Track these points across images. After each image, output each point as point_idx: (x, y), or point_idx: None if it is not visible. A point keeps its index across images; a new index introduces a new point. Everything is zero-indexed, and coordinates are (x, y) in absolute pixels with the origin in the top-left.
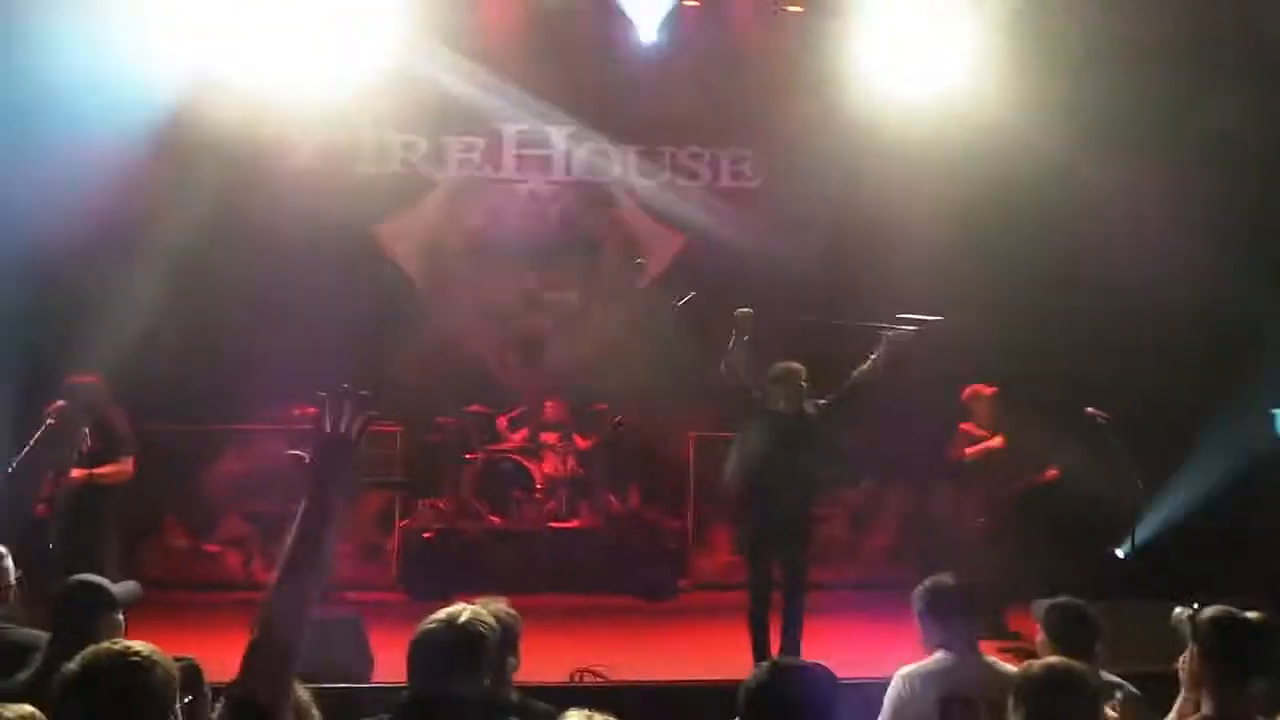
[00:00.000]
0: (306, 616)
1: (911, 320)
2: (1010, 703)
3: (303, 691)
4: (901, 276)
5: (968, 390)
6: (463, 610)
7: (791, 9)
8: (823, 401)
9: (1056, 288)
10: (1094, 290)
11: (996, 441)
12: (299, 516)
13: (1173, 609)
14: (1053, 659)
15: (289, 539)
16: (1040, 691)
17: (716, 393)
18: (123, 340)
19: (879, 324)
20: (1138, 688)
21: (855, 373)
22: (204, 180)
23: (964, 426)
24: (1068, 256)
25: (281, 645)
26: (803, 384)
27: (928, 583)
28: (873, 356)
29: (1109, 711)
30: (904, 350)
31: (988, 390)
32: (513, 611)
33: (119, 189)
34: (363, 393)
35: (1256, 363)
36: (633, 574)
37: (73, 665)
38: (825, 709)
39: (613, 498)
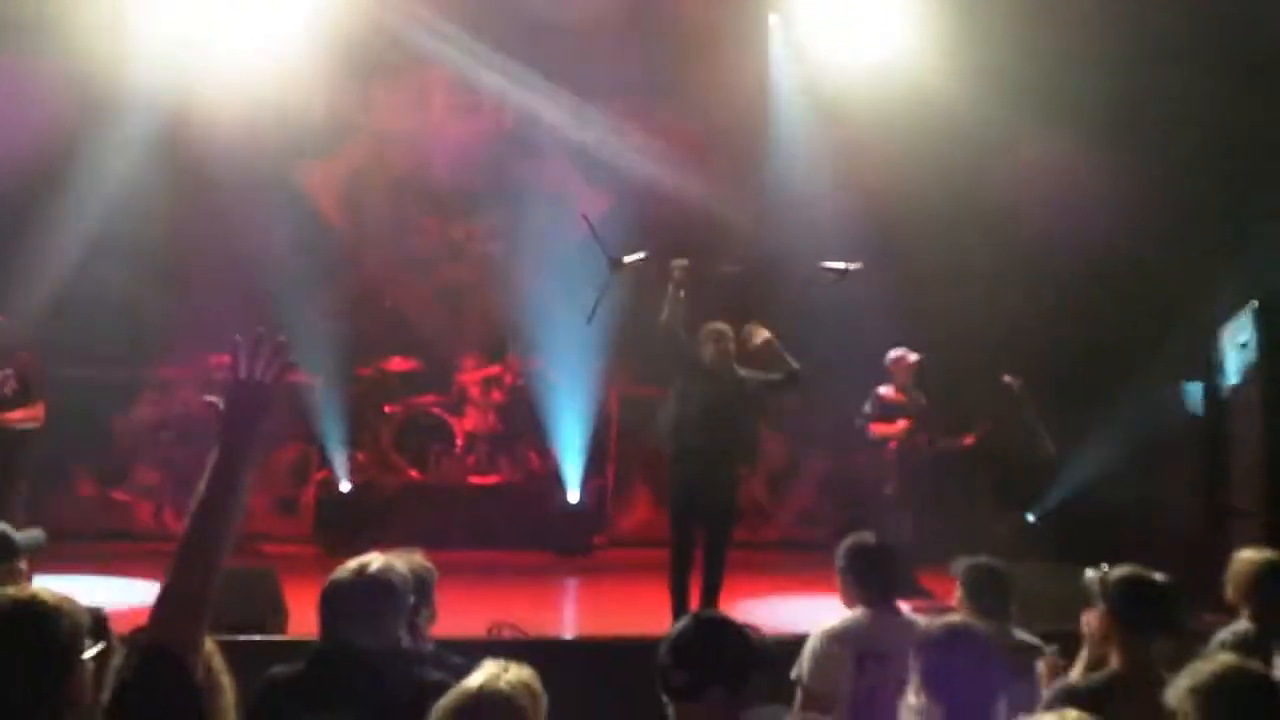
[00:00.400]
0: (218, 565)
1: (832, 268)
2: (910, 657)
3: (210, 643)
4: (836, 236)
5: (892, 355)
6: (373, 560)
7: None
8: (744, 374)
9: (983, 253)
10: (1020, 258)
11: (900, 425)
12: (212, 464)
13: (1082, 571)
14: (951, 617)
15: (201, 486)
16: (936, 647)
17: (645, 348)
18: (38, 284)
19: (804, 271)
20: (1048, 644)
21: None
22: (125, 123)
23: (881, 391)
24: (996, 223)
25: (193, 594)
26: (730, 345)
27: (848, 541)
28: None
29: (1039, 665)
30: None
31: (910, 358)
32: (428, 564)
33: (38, 131)
34: (280, 339)
35: (1173, 336)
36: (550, 530)
37: None
38: (747, 661)
39: (532, 453)
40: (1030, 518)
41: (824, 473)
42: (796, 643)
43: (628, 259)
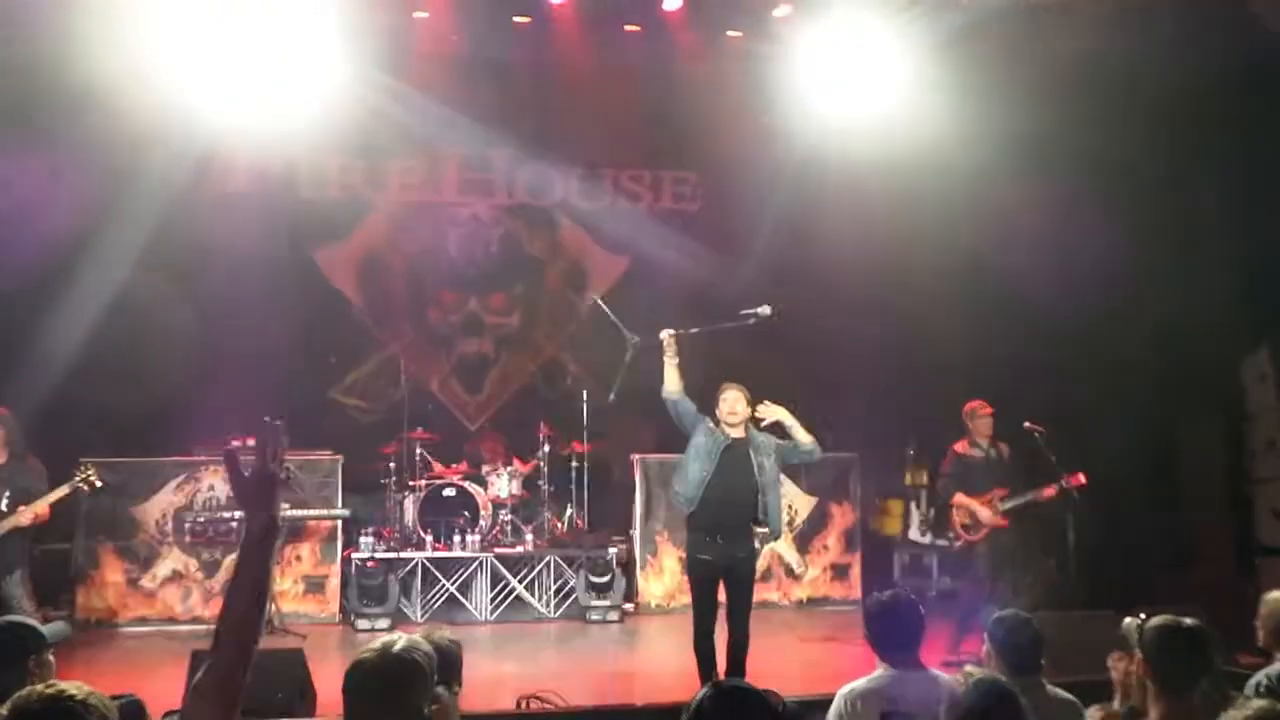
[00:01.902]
0: (251, 651)
1: (751, 313)
2: (939, 716)
3: None
4: (840, 293)
5: (968, 405)
6: (397, 639)
7: (731, 34)
8: (761, 438)
9: (985, 304)
10: (1022, 308)
11: (984, 514)
12: (239, 553)
13: (1112, 617)
14: (984, 676)
15: (231, 576)
16: (966, 708)
17: (661, 414)
18: (54, 371)
19: (728, 322)
20: (1079, 696)
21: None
22: (140, 207)
23: (958, 449)
24: (1008, 269)
25: (227, 681)
26: (741, 406)
27: (873, 597)
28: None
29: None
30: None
31: (987, 409)
32: (455, 638)
33: (52, 216)
34: (275, 422)
35: (1192, 375)
36: (577, 597)
37: (3, 710)
38: None
39: (557, 521)
40: (1059, 565)
41: (849, 528)
42: (824, 703)
43: (638, 339)
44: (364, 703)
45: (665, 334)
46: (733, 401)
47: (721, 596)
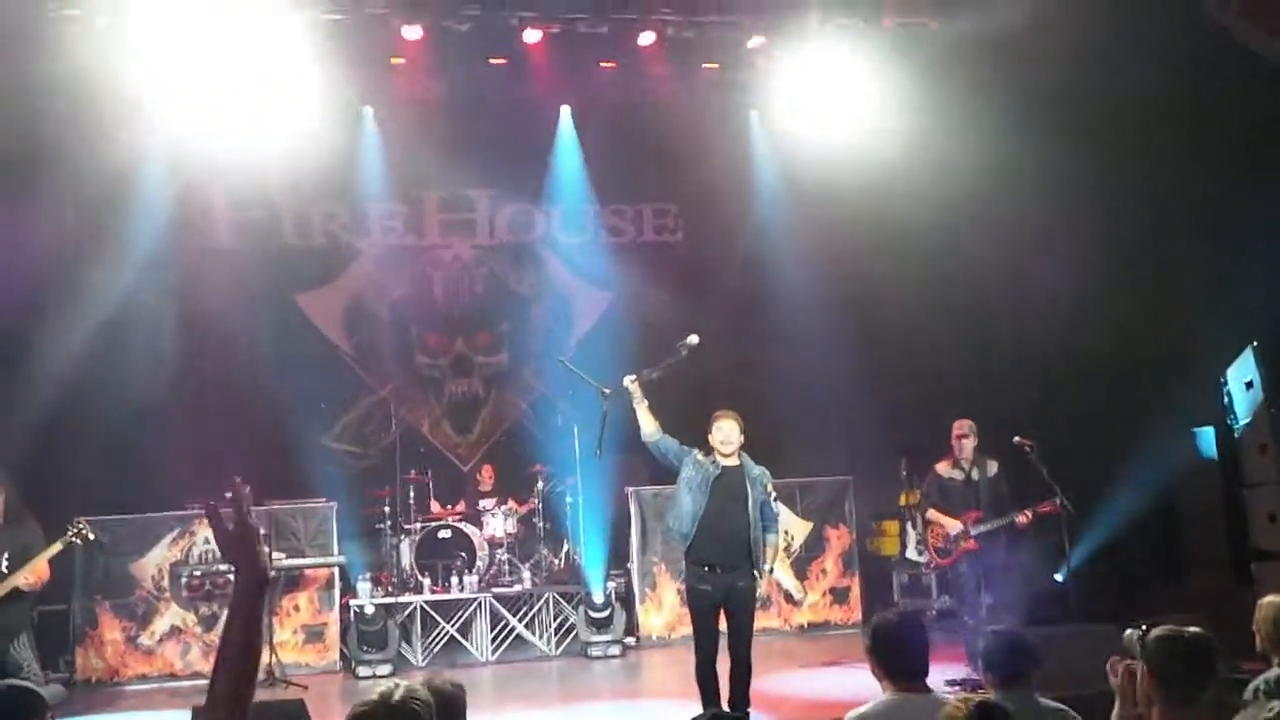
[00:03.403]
0: (245, 705)
1: (683, 344)
2: None
3: None
4: (827, 317)
5: (958, 424)
6: (395, 688)
7: (706, 65)
8: (758, 470)
9: (967, 320)
10: (1007, 324)
11: (956, 532)
12: (230, 606)
13: (1108, 630)
14: (979, 698)
15: (224, 630)
16: None
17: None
18: (40, 429)
19: (667, 358)
20: (1079, 712)
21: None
22: (123, 260)
23: (938, 467)
24: (987, 291)
25: None
26: (736, 434)
27: (875, 619)
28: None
29: None
30: None
31: (964, 429)
32: (457, 682)
33: (29, 271)
34: (236, 480)
35: (1177, 384)
36: (579, 634)
37: None
38: None
39: (555, 559)
40: (1058, 579)
41: (846, 551)
42: None
43: (612, 388)
44: None
45: (628, 381)
46: (727, 431)
47: (723, 626)
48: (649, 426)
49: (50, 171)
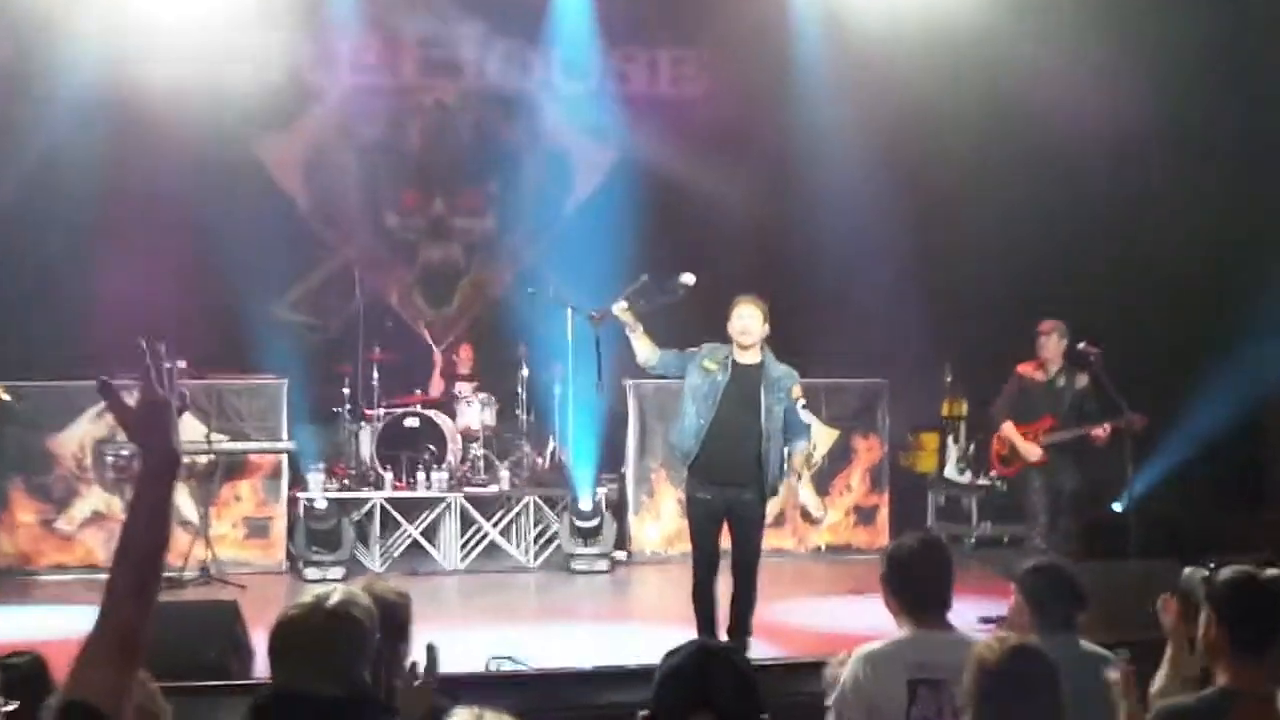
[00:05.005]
0: (147, 601)
1: (676, 285)
2: (965, 685)
3: (151, 690)
4: (861, 192)
5: (1044, 325)
6: (332, 592)
7: None
8: (781, 370)
9: (1047, 205)
10: (1065, 189)
11: (1021, 445)
12: (133, 493)
13: (1175, 568)
14: (1012, 639)
15: (127, 517)
16: (995, 675)
17: (658, 337)
18: None
19: (661, 296)
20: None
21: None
22: (52, 95)
23: (1021, 368)
24: (1031, 146)
25: (118, 637)
26: (757, 323)
27: (891, 545)
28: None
29: (1110, 674)
30: None
31: (1052, 328)
32: (401, 592)
33: None
34: (156, 342)
35: (1259, 292)
36: (560, 544)
37: None
38: (747, 696)
39: (538, 458)
40: (1116, 508)
41: (875, 464)
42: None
43: (601, 312)
44: (291, 667)
45: (618, 309)
46: (748, 319)
47: (727, 544)
48: (645, 352)
49: None
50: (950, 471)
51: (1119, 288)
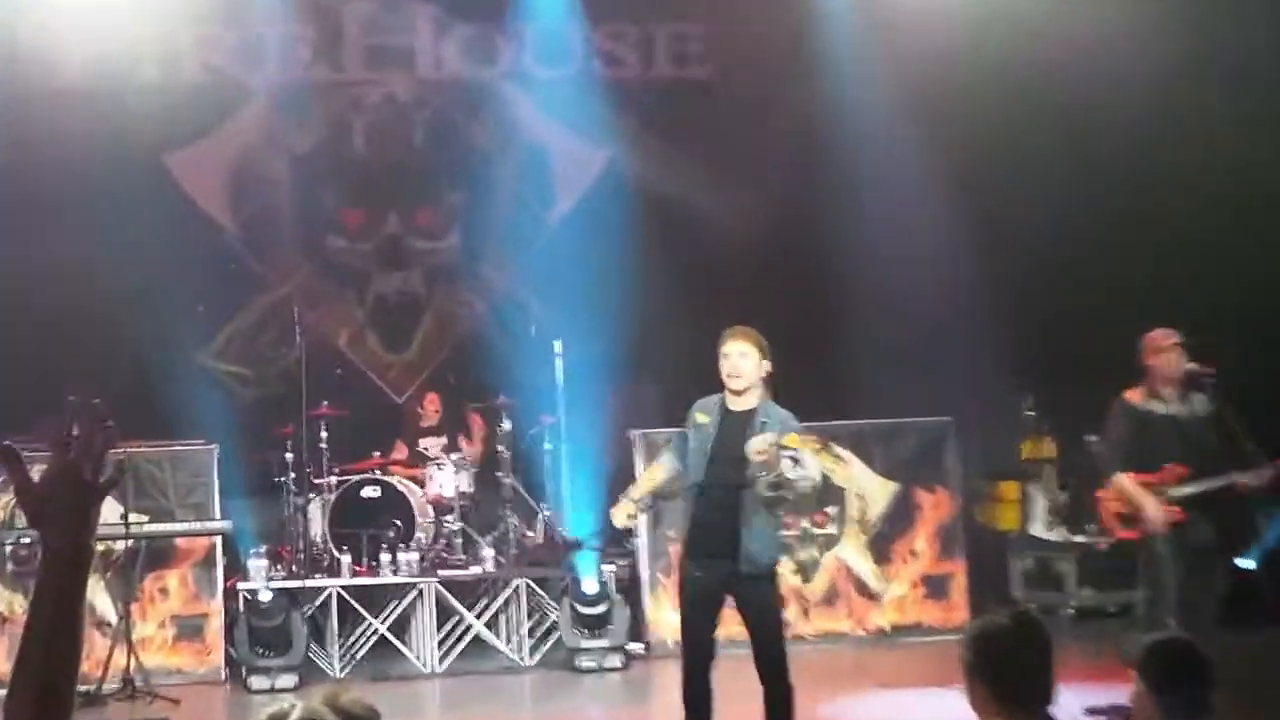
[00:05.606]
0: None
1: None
2: None
3: None
4: (914, 193)
5: (1150, 337)
6: (289, 711)
7: None
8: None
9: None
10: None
11: (1150, 506)
12: (33, 593)
13: None
14: None
15: (26, 627)
16: None
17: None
18: None
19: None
20: None
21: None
22: None
23: (1129, 396)
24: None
25: None
26: (750, 362)
27: (976, 624)
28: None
29: None
30: None
31: (1172, 340)
32: (367, 705)
33: None
34: (94, 402)
35: None
36: (563, 638)
37: None
38: None
39: (526, 529)
40: (1246, 564)
41: (946, 521)
42: None
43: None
44: None
45: (624, 519)
46: (735, 358)
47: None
48: (668, 476)
49: None
50: (1037, 528)
51: (1229, 292)
